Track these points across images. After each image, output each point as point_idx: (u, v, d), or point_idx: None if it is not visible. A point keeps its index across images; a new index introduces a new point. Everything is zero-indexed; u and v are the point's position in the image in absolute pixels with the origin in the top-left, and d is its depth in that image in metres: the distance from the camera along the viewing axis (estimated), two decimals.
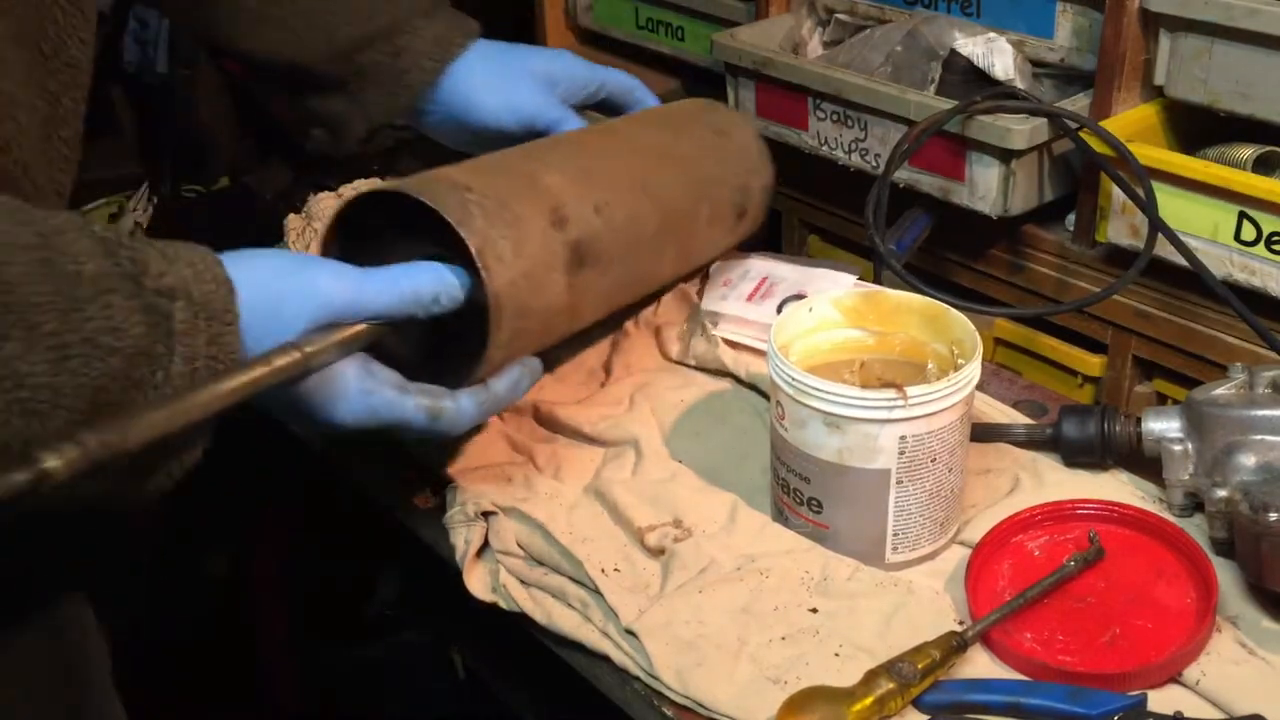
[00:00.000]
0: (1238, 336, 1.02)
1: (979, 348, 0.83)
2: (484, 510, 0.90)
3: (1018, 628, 0.80)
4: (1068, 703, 0.73)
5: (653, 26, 1.51)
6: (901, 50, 1.19)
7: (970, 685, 0.76)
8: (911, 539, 0.85)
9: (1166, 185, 1.00)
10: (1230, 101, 1.00)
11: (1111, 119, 1.06)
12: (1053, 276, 1.14)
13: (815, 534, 0.86)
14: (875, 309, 0.91)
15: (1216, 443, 0.84)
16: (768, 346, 0.85)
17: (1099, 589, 0.82)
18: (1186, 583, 0.82)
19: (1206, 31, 0.99)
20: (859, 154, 1.20)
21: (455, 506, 0.91)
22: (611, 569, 0.86)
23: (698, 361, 1.06)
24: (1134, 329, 1.09)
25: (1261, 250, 0.97)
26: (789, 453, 0.84)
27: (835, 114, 1.20)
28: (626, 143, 1.00)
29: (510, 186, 0.86)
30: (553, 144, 0.99)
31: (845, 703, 0.73)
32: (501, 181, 0.86)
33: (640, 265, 0.97)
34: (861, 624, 0.80)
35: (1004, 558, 0.85)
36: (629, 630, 0.81)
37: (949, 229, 1.18)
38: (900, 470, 0.81)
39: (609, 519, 0.90)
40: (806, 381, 0.81)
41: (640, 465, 0.95)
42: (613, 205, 0.90)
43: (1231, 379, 0.87)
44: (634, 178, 0.95)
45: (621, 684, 0.81)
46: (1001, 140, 1.06)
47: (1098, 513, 0.87)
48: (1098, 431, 0.91)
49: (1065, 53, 1.15)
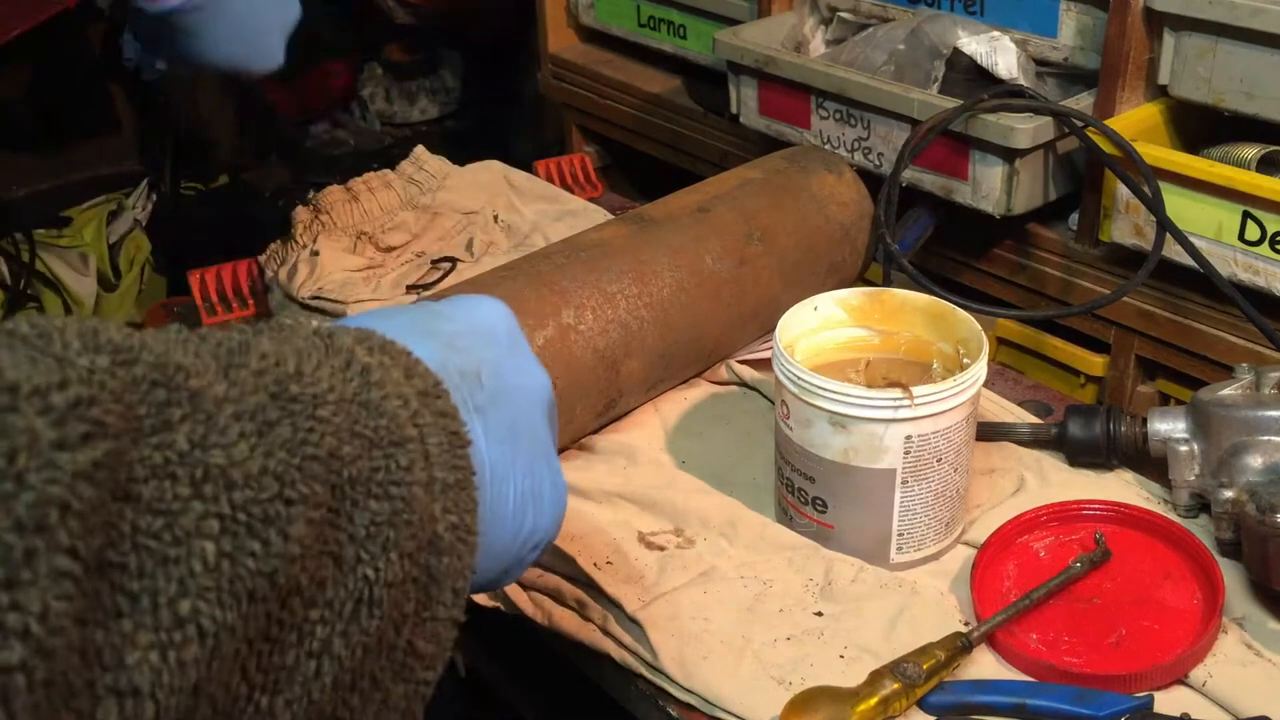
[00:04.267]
0: (1241, 336, 1.02)
1: (985, 347, 0.83)
2: None
3: (1023, 629, 0.80)
4: (1074, 704, 0.73)
5: (654, 24, 1.50)
6: (904, 49, 1.19)
7: (975, 686, 0.76)
8: (916, 539, 0.84)
9: (1171, 185, 1.00)
10: (1234, 101, 0.99)
11: (1115, 118, 1.05)
12: (1056, 276, 1.14)
13: (820, 534, 0.86)
14: (880, 308, 0.91)
15: (1223, 443, 0.84)
16: (773, 345, 0.84)
17: (1105, 590, 0.82)
18: (1193, 584, 0.82)
19: (1211, 30, 0.98)
20: (862, 153, 1.19)
21: None
22: (604, 562, 0.86)
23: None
24: (1137, 329, 1.09)
25: (1266, 250, 0.96)
26: (794, 452, 0.84)
27: (838, 113, 1.20)
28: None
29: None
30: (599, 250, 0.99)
31: (850, 703, 0.72)
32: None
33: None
34: (866, 625, 0.80)
35: (1009, 558, 0.85)
36: (633, 619, 0.80)
37: (952, 228, 1.17)
38: (905, 470, 0.81)
39: (597, 517, 0.90)
40: (812, 380, 0.80)
41: (635, 468, 0.94)
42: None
43: (1237, 379, 0.86)
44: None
45: (625, 684, 0.80)
46: (1005, 139, 1.06)
47: (1103, 513, 0.87)
48: (1103, 431, 0.91)
49: (1069, 52, 1.14)
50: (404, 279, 1.18)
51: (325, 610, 0.41)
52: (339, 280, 1.15)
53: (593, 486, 0.92)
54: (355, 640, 0.42)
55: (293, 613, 0.40)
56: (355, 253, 1.19)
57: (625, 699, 0.81)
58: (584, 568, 0.84)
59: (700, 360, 1.03)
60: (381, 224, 1.23)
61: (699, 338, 1.00)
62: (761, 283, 1.03)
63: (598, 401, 0.94)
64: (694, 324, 0.99)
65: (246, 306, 1.24)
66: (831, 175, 1.12)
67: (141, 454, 0.36)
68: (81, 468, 0.33)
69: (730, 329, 1.03)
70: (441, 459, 0.47)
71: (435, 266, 1.20)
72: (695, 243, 1.00)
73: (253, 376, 0.41)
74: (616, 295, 0.94)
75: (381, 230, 1.22)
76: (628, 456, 0.95)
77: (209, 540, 0.36)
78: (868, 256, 1.12)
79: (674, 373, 1.01)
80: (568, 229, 1.16)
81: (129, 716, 0.34)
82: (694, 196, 1.06)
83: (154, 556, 0.35)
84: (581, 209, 1.30)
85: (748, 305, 1.02)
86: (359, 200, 1.23)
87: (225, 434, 0.38)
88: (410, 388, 0.48)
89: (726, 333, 1.03)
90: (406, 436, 0.45)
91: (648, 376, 0.97)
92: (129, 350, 0.38)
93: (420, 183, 1.27)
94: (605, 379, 0.93)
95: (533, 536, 0.57)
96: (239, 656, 0.38)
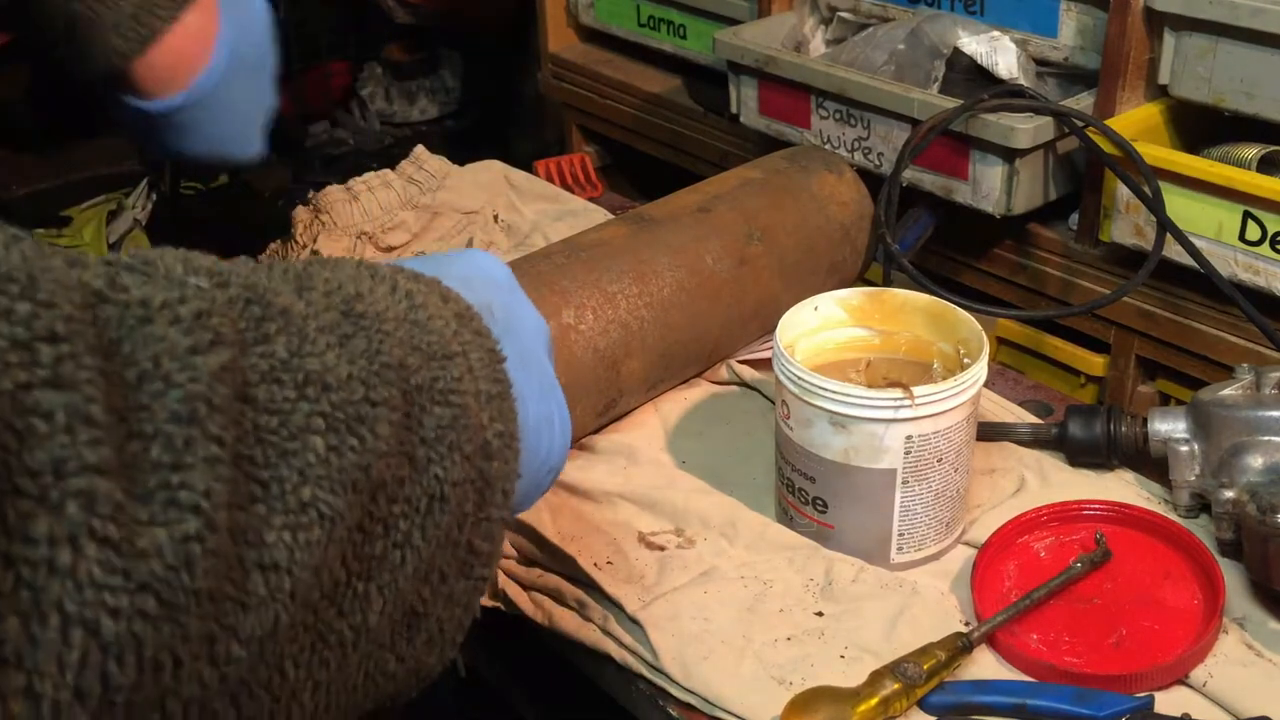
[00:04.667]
0: (1241, 336, 1.02)
1: (985, 347, 0.83)
2: None
3: (1024, 629, 0.80)
4: (1074, 704, 0.73)
5: (654, 24, 1.50)
6: (905, 48, 1.19)
7: (976, 686, 0.76)
8: (917, 539, 0.84)
9: (1171, 184, 1.00)
10: (1235, 101, 0.99)
11: (1115, 118, 1.05)
12: (1056, 276, 1.14)
13: (820, 534, 0.86)
14: (881, 308, 0.91)
15: (1223, 443, 0.84)
16: (773, 345, 0.84)
17: (1105, 590, 0.82)
18: (1193, 584, 0.82)
19: (1211, 30, 0.98)
20: (862, 153, 1.19)
21: None
22: (604, 562, 0.86)
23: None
24: (1137, 329, 1.09)
25: (1266, 250, 0.96)
26: (794, 452, 0.84)
27: (838, 113, 1.20)
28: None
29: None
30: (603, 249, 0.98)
31: (850, 703, 0.72)
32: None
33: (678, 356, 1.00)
34: (866, 625, 0.80)
35: (1009, 558, 0.85)
36: (634, 619, 0.80)
37: (952, 228, 1.17)
38: (906, 470, 0.81)
39: (597, 517, 0.90)
40: (812, 380, 0.80)
41: (636, 468, 0.94)
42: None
43: (1238, 379, 0.86)
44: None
45: (626, 684, 0.80)
46: (1005, 139, 1.06)
47: (1104, 513, 0.87)
48: (1103, 431, 0.91)
49: (1069, 51, 1.14)
50: None
51: (405, 505, 0.45)
52: None
53: (593, 486, 0.92)
54: (430, 533, 0.46)
55: (380, 507, 0.44)
56: (355, 253, 1.19)
57: (626, 699, 0.81)
58: (584, 568, 0.84)
59: (700, 360, 1.03)
60: (381, 224, 1.23)
61: (699, 338, 1.00)
62: (762, 282, 1.03)
63: (598, 401, 0.94)
64: (694, 324, 0.99)
65: None
66: (832, 175, 1.12)
67: (250, 361, 0.40)
68: (213, 369, 0.37)
69: (730, 329, 1.03)
70: (484, 372, 0.52)
71: None
72: (695, 242, 1.00)
73: (323, 297, 0.46)
74: (617, 295, 0.94)
75: (381, 230, 1.22)
76: (628, 456, 0.95)
77: (318, 435, 0.40)
78: (868, 256, 1.12)
79: (674, 373, 1.01)
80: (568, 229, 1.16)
81: (272, 589, 0.38)
82: (694, 196, 1.06)
83: (275, 449, 0.39)
84: (581, 209, 1.30)
85: (748, 305, 1.02)
86: (359, 200, 1.23)
87: (315, 344, 0.42)
88: (448, 310, 0.52)
89: (727, 333, 1.03)
90: (453, 351, 0.50)
91: (648, 376, 0.97)
92: (221, 274, 0.42)
93: (420, 182, 1.27)
94: (605, 379, 0.93)
95: (549, 460, 0.61)
96: (343, 544, 0.42)
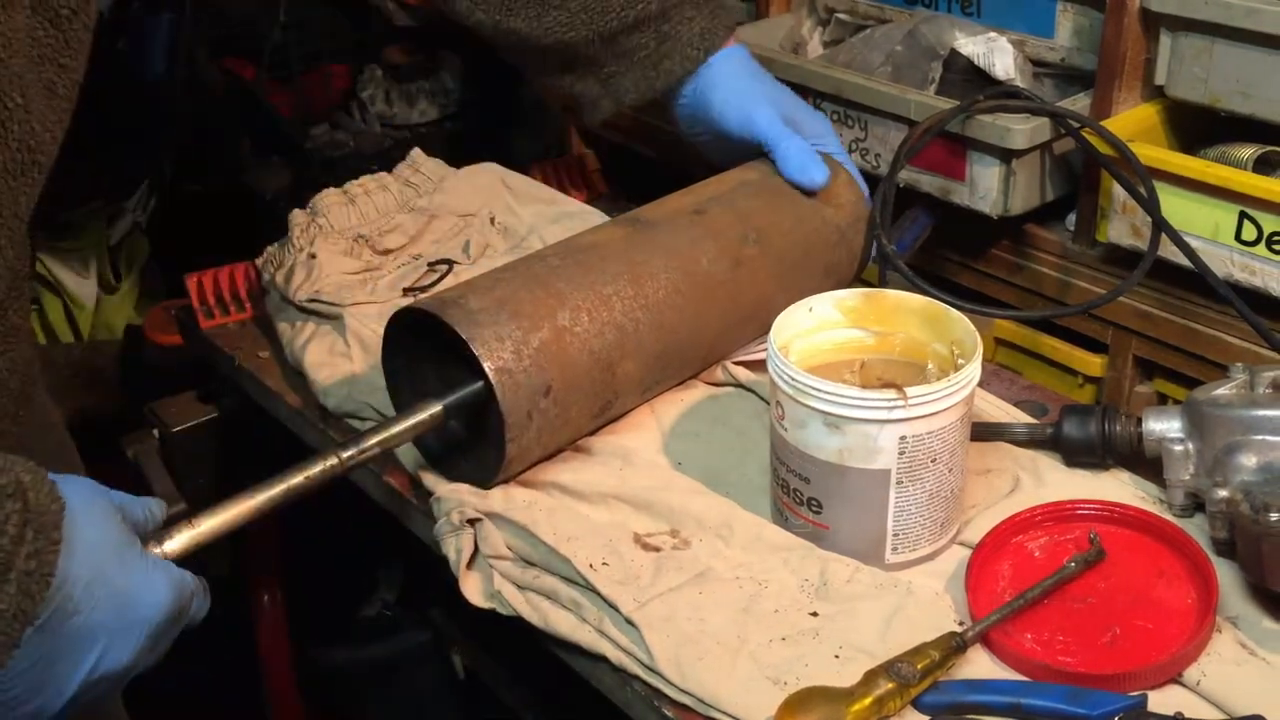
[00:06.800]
0: (1238, 336, 1.02)
1: (979, 348, 0.83)
2: (469, 518, 0.90)
3: (1018, 628, 0.80)
4: (1068, 703, 0.73)
5: None
6: (902, 50, 1.19)
7: (970, 686, 0.76)
8: (911, 539, 0.84)
9: (1167, 185, 1.00)
10: (1231, 101, 1.00)
11: (1112, 119, 1.06)
12: (1053, 276, 1.14)
13: (815, 534, 0.86)
14: (875, 309, 0.91)
15: (1217, 443, 0.84)
16: (768, 346, 0.84)
17: (1099, 589, 0.82)
18: (1187, 583, 0.82)
19: (1207, 31, 0.99)
20: (859, 153, 1.19)
21: (442, 516, 0.91)
22: (600, 563, 0.86)
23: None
24: (1135, 329, 1.09)
25: (1262, 250, 0.96)
26: (789, 453, 0.84)
27: (836, 113, 1.20)
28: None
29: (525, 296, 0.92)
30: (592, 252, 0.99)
31: (844, 702, 0.73)
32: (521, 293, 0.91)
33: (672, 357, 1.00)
34: (861, 625, 0.80)
35: (1004, 558, 0.85)
36: (629, 620, 0.81)
37: (949, 229, 1.17)
38: (900, 470, 0.81)
39: (592, 518, 0.90)
40: (806, 381, 0.81)
41: (631, 470, 0.94)
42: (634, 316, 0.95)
43: (1232, 379, 0.86)
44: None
45: (621, 684, 0.81)
46: (1002, 140, 1.06)
47: (1098, 513, 0.87)
48: (1098, 431, 0.91)
49: (1066, 52, 1.15)
50: (401, 281, 1.18)
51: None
52: (336, 283, 1.15)
53: (589, 488, 0.92)
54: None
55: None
56: (352, 255, 1.20)
57: (621, 700, 0.81)
58: (580, 569, 0.84)
59: (696, 362, 1.03)
60: (378, 227, 1.23)
61: (695, 339, 1.00)
62: (757, 284, 1.03)
63: (594, 403, 0.94)
64: (690, 326, 0.99)
65: (244, 310, 1.24)
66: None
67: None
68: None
69: (726, 330, 1.03)
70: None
71: (432, 269, 1.20)
72: (691, 245, 1.00)
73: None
74: (612, 297, 0.94)
75: (378, 233, 1.23)
76: (624, 458, 0.95)
77: None
78: (865, 257, 1.12)
79: (670, 374, 1.01)
80: (564, 231, 1.16)
81: None
82: (690, 198, 1.06)
83: None
84: (578, 211, 1.30)
85: (743, 307, 1.03)
86: (356, 203, 1.23)
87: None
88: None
89: (722, 334, 1.03)
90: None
91: (644, 378, 0.97)
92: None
93: (417, 185, 1.27)
94: (601, 381, 0.93)
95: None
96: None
